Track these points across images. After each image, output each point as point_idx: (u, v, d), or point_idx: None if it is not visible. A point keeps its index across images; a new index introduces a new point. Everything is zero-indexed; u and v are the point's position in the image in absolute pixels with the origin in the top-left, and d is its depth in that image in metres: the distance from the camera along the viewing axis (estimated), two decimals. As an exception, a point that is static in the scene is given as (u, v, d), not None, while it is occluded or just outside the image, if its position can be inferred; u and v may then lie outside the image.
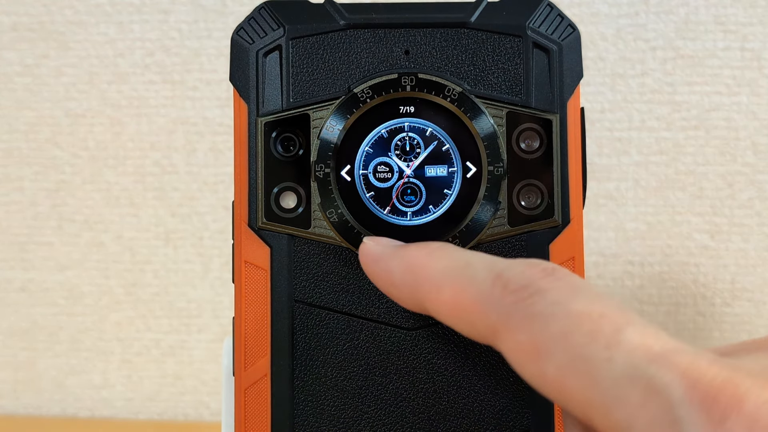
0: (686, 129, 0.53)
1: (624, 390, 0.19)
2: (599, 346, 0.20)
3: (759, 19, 0.52)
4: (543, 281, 0.22)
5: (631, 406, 0.19)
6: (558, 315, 0.21)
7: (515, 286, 0.22)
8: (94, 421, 0.57)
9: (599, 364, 0.20)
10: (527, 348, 0.21)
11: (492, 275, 0.23)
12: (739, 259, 0.54)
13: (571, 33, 0.30)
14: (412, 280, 0.25)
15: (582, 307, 0.21)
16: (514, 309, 0.22)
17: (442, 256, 0.25)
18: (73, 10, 0.55)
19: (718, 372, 0.19)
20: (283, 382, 0.29)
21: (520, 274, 0.22)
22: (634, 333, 0.20)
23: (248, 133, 0.29)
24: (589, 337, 0.20)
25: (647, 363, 0.19)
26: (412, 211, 0.30)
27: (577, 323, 0.20)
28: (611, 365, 0.19)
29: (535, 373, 0.21)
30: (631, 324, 0.20)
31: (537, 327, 0.21)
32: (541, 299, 0.21)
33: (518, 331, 0.21)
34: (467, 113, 0.29)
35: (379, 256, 0.26)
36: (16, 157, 0.56)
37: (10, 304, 0.57)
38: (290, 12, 0.30)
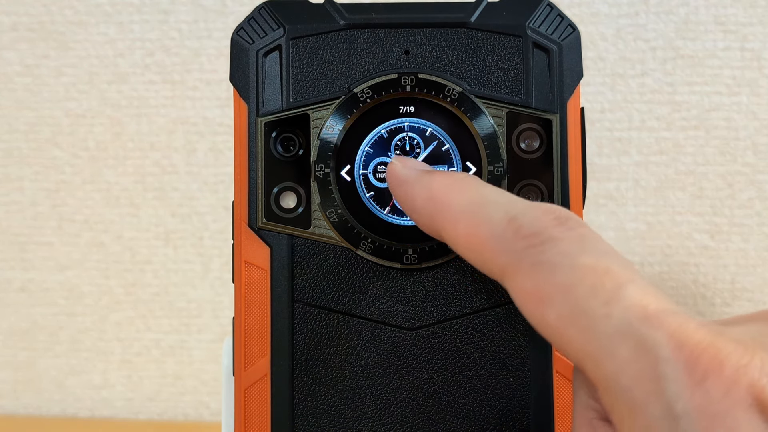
0: (686, 129, 0.53)
1: (616, 345, 0.20)
2: (599, 301, 0.20)
3: (759, 19, 0.52)
4: (555, 230, 0.22)
5: (620, 360, 0.20)
6: (564, 266, 0.21)
7: (527, 231, 0.22)
8: (94, 421, 0.57)
9: (597, 318, 0.20)
10: (532, 293, 0.22)
11: (507, 218, 0.23)
12: (739, 259, 0.54)
13: (571, 33, 0.30)
14: (432, 209, 0.25)
15: (588, 261, 0.21)
16: (524, 254, 0.22)
17: (463, 188, 0.25)
18: (73, 10, 0.55)
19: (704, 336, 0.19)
20: (283, 382, 0.29)
21: (533, 220, 0.23)
22: (633, 291, 0.20)
23: (248, 133, 0.29)
24: (590, 291, 0.21)
25: (640, 321, 0.20)
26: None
27: (581, 276, 0.21)
28: (608, 320, 0.20)
29: (536, 317, 0.22)
30: (632, 282, 0.21)
31: (543, 275, 0.22)
32: (551, 248, 0.22)
33: (525, 276, 0.22)
34: (467, 113, 0.29)
35: (405, 179, 0.26)
36: (16, 157, 0.56)
37: (10, 304, 0.57)
38: (290, 12, 0.30)
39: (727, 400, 0.19)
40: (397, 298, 0.29)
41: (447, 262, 0.29)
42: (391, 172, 0.27)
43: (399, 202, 0.27)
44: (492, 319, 0.29)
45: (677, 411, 0.19)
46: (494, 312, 0.29)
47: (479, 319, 0.29)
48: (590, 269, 0.21)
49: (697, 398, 0.19)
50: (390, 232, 0.29)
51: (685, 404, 0.19)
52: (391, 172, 0.27)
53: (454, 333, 0.29)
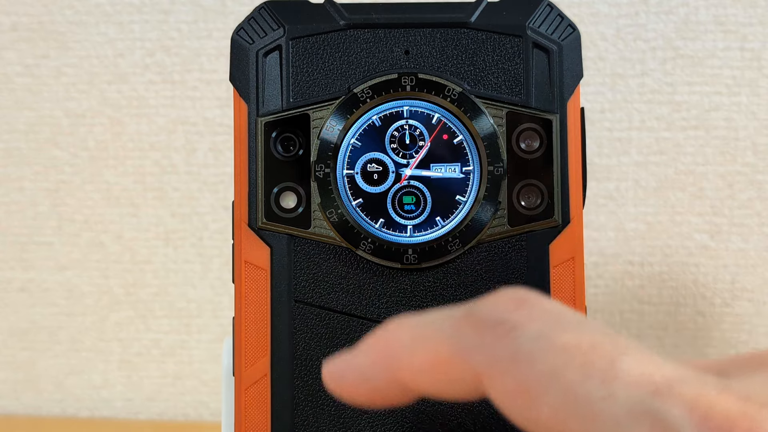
0: (686, 129, 0.53)
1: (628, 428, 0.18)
2: (595, 383, 0.18)
3: (759, 19, 0.52)
4: (516, 314, 0.20)
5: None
6: (543, 351, 0.19)
7: (489, 322, 0.20)
8: (94, 421, 0.57)
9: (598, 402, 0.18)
10: (516, 392, 0.19)
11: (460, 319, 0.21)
12: (739, 259, 0.54)
13: (571, 33, 0.30)
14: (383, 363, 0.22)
15: (568, 339, 0.19)
16: (494, 349, 0.20)
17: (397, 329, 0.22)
18: (73, 10, 0.55)
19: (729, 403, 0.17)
20: (283, 382, 0.29)
21: (490, 309, 0.20)
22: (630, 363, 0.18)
23: (248, 133, 0.29)
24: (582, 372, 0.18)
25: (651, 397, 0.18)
26: (413, 213, 0.30)
27: (566, 358, 0.19)
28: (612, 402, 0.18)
29: (529, 418, 0.19)
30: (625, 353, 0.19)
31: (523, 367, 0.19)
32: (521, 334, 0.19)
33: (504, 374, 0.19)
34: (467, 113, 0.29)
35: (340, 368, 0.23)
36: (16, 157, 0.56)
37: (10, 304, 0.57)
38: (290, 12, 0.30)
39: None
40: (397, 298, 0.29)
41: (447, 262, 0.29)
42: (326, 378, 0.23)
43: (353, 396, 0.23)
44: (492, 319, 0.29)
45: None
46: (494, 312, 0.29)
47: (479, 319, 0.29)
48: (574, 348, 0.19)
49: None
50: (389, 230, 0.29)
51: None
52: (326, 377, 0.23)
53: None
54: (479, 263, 0.29)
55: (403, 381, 0.22)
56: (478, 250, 0.29)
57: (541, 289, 0.29)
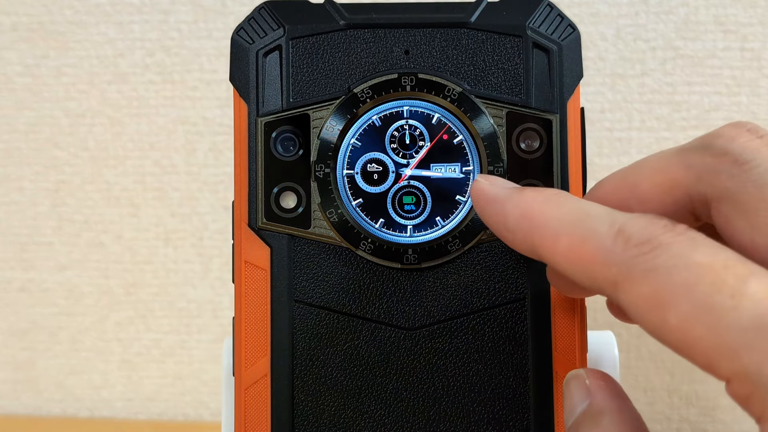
0: (686, 129, 0.53)
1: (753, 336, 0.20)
2: (724, 296, 0.20)
3: (759, 19, 0.52)
4: (665, 236, 0.22)
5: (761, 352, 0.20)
6: (681, 267, 0.21)
7: (637, 240, 0.22)
8: (94, 421, 0.57)
9: (725, 312, 0.20)
10: (650, 299, 0.22)
11: (614, 229, 0.23)
12: (739, 259, 0.54)
13: (571, 33, 0.30)
14: (527, 226, 0.25)
15: (705, 259, 0.21)
16: (636, 262, 0.22)
17: (560, 203, 0.24)
18: (73, 10, 0.55)
19: None
20: (283, 382, 0.29)
21: (641, 229, 0.22)
22: (759, 283, 0.21)
23: (248, 133, 0.29)
24: (713, 287, 0.21)
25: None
26: (413, 213, 0.30)
27: (700, 274, 0.21)
28: (738, 313, 0.20)
29: (656, 323, 0.21)
30: (754, 274, 0.21)
31: (660, 279, 0.21)
32: (663, 252, 0.22)
33: (640, 283, 0.22)
34: (467, 113, 0.29)
35: (494, 198, 0.26)
36: (16, 157, 0.56)
37: (10, 304, 0.57)
38: (290, 12, 0.30)
39: None
40: (397, 298, 0.29)
41: (447, 262, 0.29)
42: (477, 190, 0.26)
43: (487, 222, 0.26)
44: (492, 319, 0.29)
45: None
46: (494, 312, 0.29)
47: (479, 319, 0.29)
48: (708, 266, 0.21)
49: None
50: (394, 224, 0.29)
51: None
52: (477, 190, 0.26)
53: (454, 333, 0.29)
54: (479, 263, 0.29)
55: (537, 252, 0.24)
56: (478, 250, 0.29)
57: (541, 289, 0.29)
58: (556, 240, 0.24)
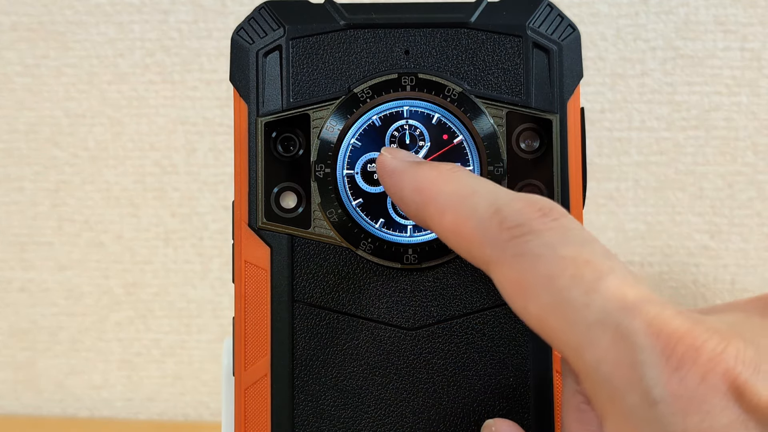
0: (686, 129, 0.53)
1: (595, 334, 0.20)
2: (579, 291, 0.21)
3: (759, 19, 0.52)
4: (537, 221, 0.23)
5: (599, 349, 0.20)
6: (546, 257, 0.22)
7: (511, 223, 0.23)
8: (94, 421, 0.57)
9: (577, 308, 0.21)
10: (515, 284, 0.22)
11: (492, 209, 0.24)
12: (739, 259, 0.54)
13: (571, 33, 0.30)
14: (419, 200, 0.26)
15: (569, 252, 0.22)
16: (508, 246, 0.23)
17: (450, 179, 0.25)
18: (73, 10, 0.55)
19: (680, 323, 0.20)
20: (283, 382, 0.29)
21: (517, 212, 0.23)
22: (613, 281, 0.21)
23: (248, 133, 0.29)
24: (571, 281, 0.21)
25: (619, 310, 0.20)
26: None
27: (562, 267, 0.21)
28: (587, 310, 0.21)
29: (520, 307, 0.22)
30: (612, 272, 0.21)
31: (525, 266, 0.22)
32: (533, 239, 0.22)
33: (509, 266, 0.22)
34: (467, 113, 0.29)
35: (393, 170, 0.27)
36: (16, 157, 0.56)
37: (10, 304, 0.57)
38: (290, 12, 0.30)
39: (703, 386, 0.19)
40: (397, 298, 0.29)
41: (447, 262, 0.29)
42: (380, 163, 0.27)
43: (388, 192, 0.27)
44: (492, 319, 0.29)
45: (654, 397, 0.20)
46: (494, 312, 0.29)
47: (479, 319, 0.29)
48: (571, 260, 0.22)
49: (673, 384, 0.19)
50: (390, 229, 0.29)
51: (662, 390, 0.19)
52: (380, 162, 0.27)
53: (454, 333, 0.29)
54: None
55: (427, 225, 0.25)
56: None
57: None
58: (443, 215, 0.25)
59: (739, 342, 0.20)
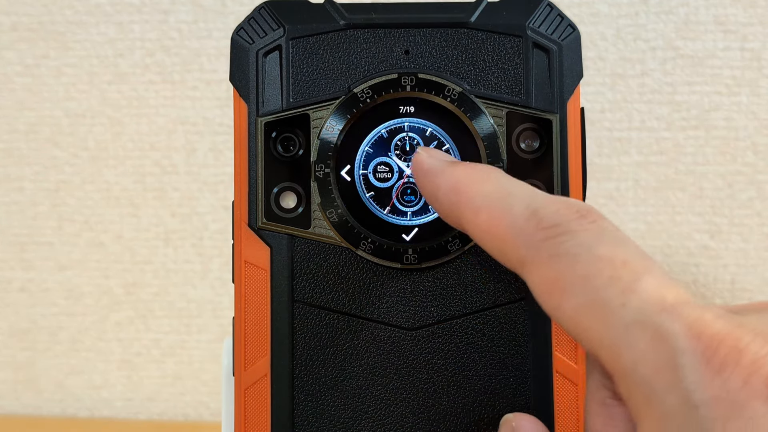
0: (686, 129, 0.53)
1: (633, 335, 0.20)
2: (616, 291, 0.21)
3: (759, 19, 0.52)
4: (575, 222, 0.22)
5: (637, 351, 0.20)
6: (583, 257, 0.22)
7: (548, 223, 0.23)
8: (94, 421, 0.57)
9: (614, 308, 0.21)
10: (550, 284, 0.22)
11: (528, 210, 0.23)
12: (739, 259, 0.54)
13: (571, 33, 0.30)
14: (454, 199, 0.25)
15: (606, 252, 0.21)
16: (544, 245, 0.22)
17: (486, 179, 0.25)
18: (73, 10, 0.55)
19: (722, 326, 0.20)
20: (283, 382, 0.29)
21: (554, 213, 0.23)
22: (650, 282, 0.21)
23: (248, 133, 0.29)
24: (608, 281, 0.21)
25: (658, 312, 0.20)
26: (412, 211, 0.30)
27: (599, 267, 0.21)
28: (625, 311, 0.20)
29: (554, 308, 0.22)
30: (649, 273, 0.21)
31: (562, 266, 0.22)
32: (570, 239, 0.22)
33: (544, 266, 0.22)
34: (467, 113, 0.29)
35: (429, 169, 0.27)
36: (16, 157, 0.56)
37: (10, 304, 0.57)
38: (290, 12, 0.30)
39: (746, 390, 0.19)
40: (397, 298, 0.29)
41: (447, 262, 0.29)
42: (416, 162, 0.27)
43: (422, 191, 0.27)
44: (492, 319, 0.29)
45: (695, 400, 0.19)
46: (494, 312, 0.29)
47: (479, 319, 0.29)
48: (608, 260, 0.21)
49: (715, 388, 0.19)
50: (390, 232, 0.29)
51: (703, 394, 0.19)
52: (416, 161, 0.27)
53: (454, 333, 0.29)
54: (479, 263, 0.29)
55: (462, 225, 0.25)
56: (478, 250, 0.29)
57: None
58: (477, 214, 0.25)
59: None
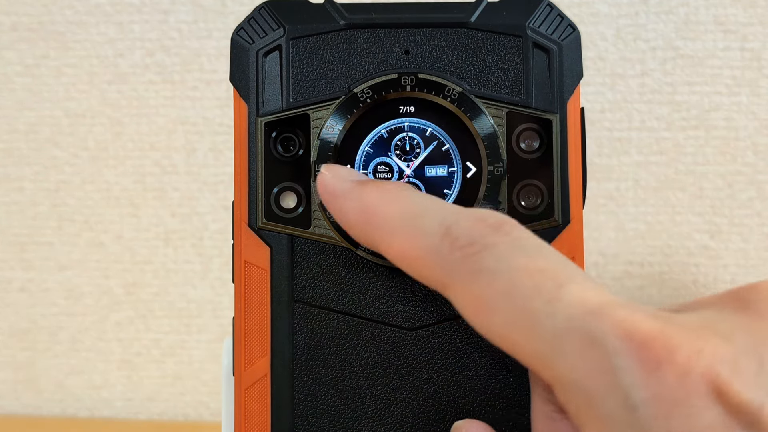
0: (686, 129, 0.53)
1: (564, 342, 0.20)
2: (541, 301, 0.20)
3: (759, 19, 0.52)
4: (490, 237, 0.22)
5: (570, 357, 0.20)
6: (502, 271, 0.21)
7: (463, 242, 0.22)
8: (94, 421, 0.57)
9: (541, 318, 0.20)
10: (475, 303, 0.22)
11: (441, 229, 0.23)
12: (739, 259, 0.54)
13: (571, 33, 0.30)
14: (364, 223, 0.25)
15: (525, 263, 0.21)
16: (462, 265, 0.22)
17: (395, 199, 0.25)
18: (73, 10, 0.55)
19: (652, 324, 0.19)
20: (283, 382, 0.29)
21: (468, 230, 0.22)
22: (574, 288, 0.21)
23: (248, 133, 0.29)
24: (532, 291, 0.21)
25: (585, 316, 0.20)
26: (412, 211, 0.30)
27: (520, 279, 0.21)
28: (552, 319, 0.20)
29: (483, 326, 0.22)
30: (572, 279, 0.21)
31: (483, 283, 0.21)
32: (487, 255, 0.22)
33: (465, 286, 0.22)
34: (467, 113, 0.29)
35: (334, 192, 0.26)
36: (16, 157, 0.56)
37: (10, 304, 0.57)
38: (290, 12, 0.30)
39: (684, 387, 0.19)
40: (397, 298, 0.29)
41: (447, 262, 0.29)
42: (320, 184, 0.26)
43: (333, 215, 0.26)
44: (492, 319, 0.29)
45: (634, 401, 0.19)
46: (494, 312, 0.29)
47: (479, 319, 0.29)
48: (528, 271, 0.21)
49: (653, 387, 0.19)
50: None
51: (641, 393, 0.19)
52: (320, 182, 0.26)
53: (454, 333, 0.29)
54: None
55: (378, 249, 0.25)
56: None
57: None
58: (391, 238, 0.24)
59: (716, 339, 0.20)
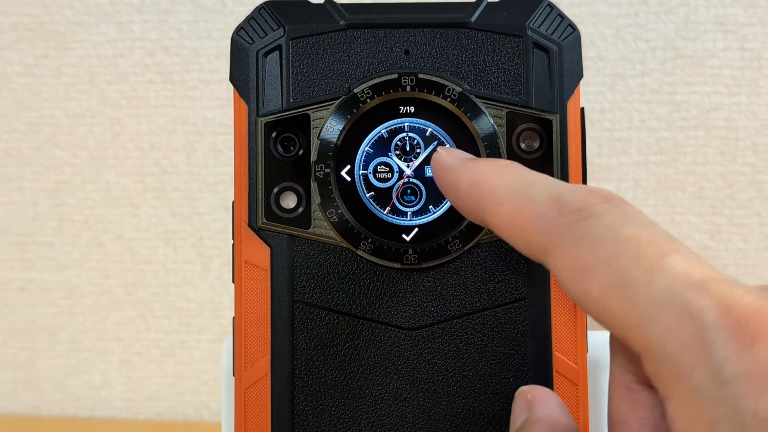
0: (686, 129, 0.53)
1: (660, 312, 0.20)
2: (642, 270, 0.21)
3: (759, 19, 0.52)
4: (599, 206, 0.22)
5: (665, 328, 0.20)
6: (607, 238, 0.21)
7: (571, 208, 0.23)
8: (94, 421, 0.57)
9: (640, 286, 0.20)
10: (574, 268, 0.22)
11: (551, 197, 0.23)
12: (739, 259, 0.54)
13: (571, 33, 0.30)
14: (475, 194, 0.25)
15: (631, 232, 0.21)
16: (567, 230, 0.22)
17: (507, 173, 0.25)
18: (73, 10, 0.55)
19: (751, 300, 0.20)
20: (283, 382, 0.29)
21: (578, 198, 0.23)
22: (677, 260, 0.21)
23: (248, 133, 0.29)
24: (633, 260, 0.21)
25: (685, 288, 0.20)
26: (412, 211, 0.30)
27: (623, 247, 0.21)
28: (651, 288, 0.20)
29: (579, 292, 0.22)
30: (676, 251, 0.21)
31: (586, 248, 0.22)
32: (594, 222, 0.22)
33: (568, 251, 0.22)
34: (467, 113, 0.29)
35: (449, 167, 0.27)
36: (16, 157, 0.56)
37: (10, 304, 0.57)
38: (290, 12, 0.30)
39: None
40: (397, 298, 0.29)
41: (447, 263, 0.29)
42: (436, 160, 0.27)
43: (443, 189, 0.27)
44: (492, 319, 0.29)
45: (725, 375, 0.19)
46: (494, 312, 0.29)
47: (479, 319, 0.29)
48: (633, 240, 0.21)
49: (746, 362, 0.19)
50: (390, 232, 0.29)
51: (734, 368, 0.19)
52: (436, 160, 0.27)
53: (454, 333, 0.29)
54: (479, 263, 0.29)
55: (484, 218, 0.25)
56: (478, 250, 0.29)
57: (541, 289, 0.29)
58: (499, 206, 0.25)
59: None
